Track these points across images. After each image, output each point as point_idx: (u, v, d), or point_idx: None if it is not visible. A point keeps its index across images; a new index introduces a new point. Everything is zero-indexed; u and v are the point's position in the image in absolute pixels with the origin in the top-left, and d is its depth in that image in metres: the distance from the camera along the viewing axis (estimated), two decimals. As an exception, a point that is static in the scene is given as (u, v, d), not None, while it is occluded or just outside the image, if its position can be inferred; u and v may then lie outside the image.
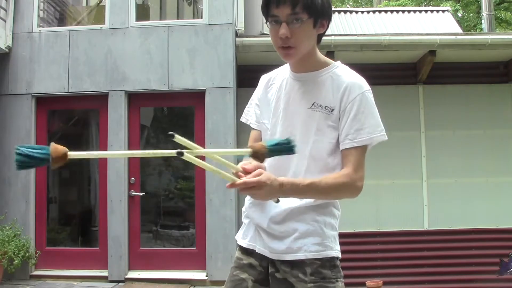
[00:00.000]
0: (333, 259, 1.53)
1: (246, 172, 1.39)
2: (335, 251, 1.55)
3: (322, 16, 1.50)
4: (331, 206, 1.57)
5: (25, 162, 1.20)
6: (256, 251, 1.60)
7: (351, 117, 1.50)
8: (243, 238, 1.67)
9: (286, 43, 1.49)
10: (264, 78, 1.74)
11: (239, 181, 1.36)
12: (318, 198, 1.52)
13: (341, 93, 1.52)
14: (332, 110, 1.52)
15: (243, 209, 1.68)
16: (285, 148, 1.38)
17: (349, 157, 1.50)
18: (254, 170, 1.38)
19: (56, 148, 1.24)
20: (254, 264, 1.62)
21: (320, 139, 1.52)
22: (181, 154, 1.25)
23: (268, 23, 1.52)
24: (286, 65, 1.67)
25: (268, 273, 1.59)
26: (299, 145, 1.54)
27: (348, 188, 1.48)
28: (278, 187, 1.39)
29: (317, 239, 1.52)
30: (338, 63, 1.61)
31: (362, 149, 1.52)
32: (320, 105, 1.53)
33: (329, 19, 1.56)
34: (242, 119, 1.78)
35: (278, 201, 1.51)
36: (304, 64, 1.58)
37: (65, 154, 1.25)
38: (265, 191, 1.36)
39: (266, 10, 1.50)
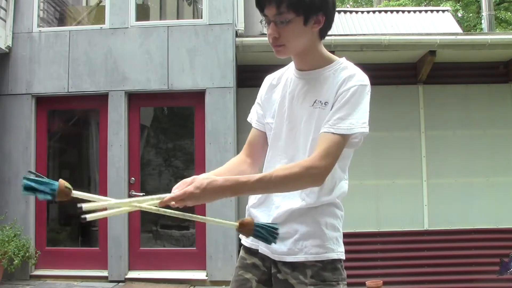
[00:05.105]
0: (334, 261, 1.51)
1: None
2: (337, 253, 1.52)
3: (313, 12, 1.45)
4: (333, 206, 1.55)
5: (30, 190, 1.24)
6: (259, 251, 1.60)
7: (340, 105, 1.46)
8: (246, 238, 1.66)
9: (276, 42, 1.49)
10: (268, 79, 1.73)
11: (167, 197, 1.35)
12: (274, 191, 1.49)
13: (339, 85, 1.49)
14: (328, 104, 1.50)
15: (247, 207, 1.68)
16: (268, 235, 1.43)
17: (320, 141, 1.44)
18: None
19: (62, 189, 1.26)
20: (257, 264, 1.61)
21: (318, 136, 1.49)
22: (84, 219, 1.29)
23: (262, 22, 1.53)
24: (291, 63, 1.65)
25: (271, 273, 1.58)
26: (302, 143, 1.54)
27: (303, 178, 1.40)
28: (218, 189, 1.36)
29: (317, 241, 1.50)
30: (343, 59, 1.58)
31: (339, 138, 1.43)
32: (320, 102, 1.51)
33: (327, 14, 1.48)
34: (248, 119, 1.77)
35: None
36: (306, 61, 1.56)
37: (69, 193, 1.28)
38: (199, 198, 1.34)
39: (259, 10, 1.51)
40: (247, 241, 1.65)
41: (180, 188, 1.37)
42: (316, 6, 1.45)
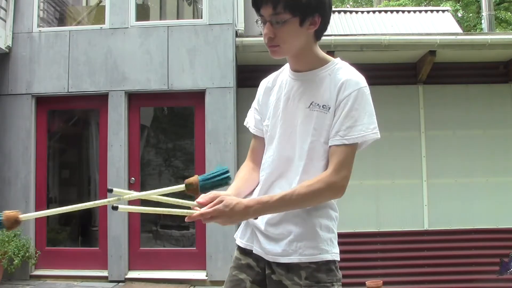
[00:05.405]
0: (329, 262, 1.51)
1: (202, 205, 1.43)
2: (332, 254, 1.51)
3: (309, 13, 1.45)
4: (328, 207, 1.54)
5: None
6: (253, 251, 1.59)
7: (344, 113, 1.46)
8: (241, 238, 1.66)
9: (271, 42, 1.49)
10: (263, 82, 1.73)
11: (196, 213, 1.41)
12: (295, 208, 1.50)
13: (337, 89, 1.49)
14: (329, 108, 1.49)
15: None
16: (218, 180, 1.47)
17: (335, 154, 1.46)
18: (210, 202, 1.42)
19: (7, 217, 1.34)
20: (252, 264, 1.61)
21: (317, 139, 1.50)
22: (116, 208, 1.39)
23: (258, 22, 1.52)
24: (285, 65, 1.65)
25: (265, 274, 1.57)
26: (299, 145, 1.54)
27: (325, 193, 1.46)
28: (244, 210, 1.41)
29: (312, 242, 1.50)
30: (338, 60, 1.58)
31: (352, 147, 1.47)
32: (318, 104, 1.51)
33: (323, 15, 1.48)
34: (245, 123, 1.77)
35: (256, 218, 1.52)
36: (301, 61, 1.56)
37: (16, 221, 1.34)
38: (227, 217, 1.40)
39: (255, 10, 1.50)
40: (242, 242, 1.65)
41: (204, 200, 1.43)
42: (312, 7, 1.45)
